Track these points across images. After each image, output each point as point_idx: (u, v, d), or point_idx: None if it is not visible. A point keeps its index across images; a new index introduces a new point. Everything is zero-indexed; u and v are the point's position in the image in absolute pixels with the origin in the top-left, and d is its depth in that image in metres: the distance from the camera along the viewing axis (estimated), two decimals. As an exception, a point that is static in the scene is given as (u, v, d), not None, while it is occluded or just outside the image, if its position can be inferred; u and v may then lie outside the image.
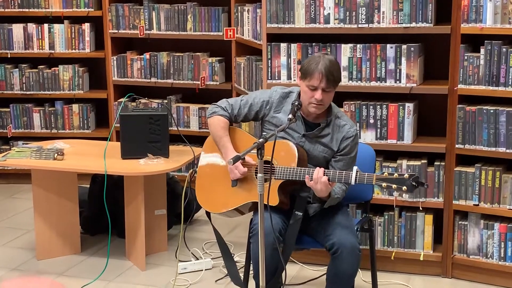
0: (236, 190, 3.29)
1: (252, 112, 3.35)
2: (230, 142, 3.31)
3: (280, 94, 3.32)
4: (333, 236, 3.14)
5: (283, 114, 3.28)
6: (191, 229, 4.65)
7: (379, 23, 3.83)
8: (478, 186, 3.75)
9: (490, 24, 3.61)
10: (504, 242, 3.74)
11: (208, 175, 3.41)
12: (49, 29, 5.47)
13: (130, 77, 5.41)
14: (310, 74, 3.11)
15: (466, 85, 3.72)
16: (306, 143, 3.26)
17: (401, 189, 2.94)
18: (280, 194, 3.17)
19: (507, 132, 3.64)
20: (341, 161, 3.24)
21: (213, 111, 3.39)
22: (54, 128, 5.56)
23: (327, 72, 3.09)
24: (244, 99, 3.38)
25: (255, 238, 3.14)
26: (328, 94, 3.14)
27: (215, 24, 5.13)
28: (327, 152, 3.25)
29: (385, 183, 2.96)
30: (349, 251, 3.08)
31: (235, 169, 3.23)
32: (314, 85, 3.11)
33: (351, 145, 3.24)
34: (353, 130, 3.26)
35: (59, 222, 4.25)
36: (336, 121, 3.25)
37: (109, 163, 3.90)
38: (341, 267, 3.10)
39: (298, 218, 3.19)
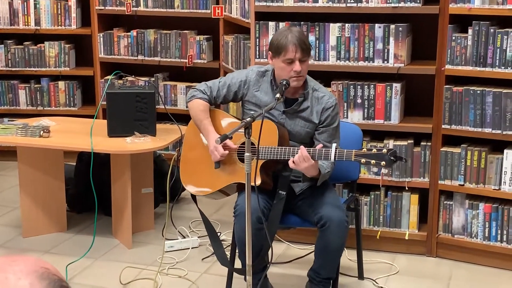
0: (219, 172, 3.30)
1: (231, 93, 3.35)
2: (211, 125, 3.31)
3: (257, 72, 3.33)
4: (321, 210, 3.17)
5: (261, 93, 3.29)
6: (177, 208, 4.66)
7: (368, 3, 3.82)
8: (464, 166, 3.77)
9: (478, 4, 3.61)
10: (488, 222, 3.77)
11: (192, 158, 3.41)
12: (34, 5, 5.41)
13: (117, 55, 5.37)
14: (284, 48, 3.13)
15: (454, 66, 3.73)
16: (287, 120, 3.26)
17: (380, 164, 2.95)
18: (263, 174, 3.17)
19: (493, 113, 3.65)
20: (325, 133, 3.25)
21: (192, 95, 3.40)
22: (40, 105, 5.52)
23: (299, 41, 3.12)
24: (222, 80, 3.39)
25: (238, 219, 3.16)
26: (305, 63, 3.16)
27: (203, 2, 5.09)
28: (309, 126, 3.26)
29: (363, 158, 2.97)
30: (337, 224, 3.11)
31: (215, 150, 3.23)
32: (291, 57, 3.13)
33: (332, 115, 3.24)
34: (332, 100, 3.26)
35: (45, 200, 4.23)
36: (314, 93, 3.26)
37: (95, 141, 3.88)
38: (329, 240, 3.13)
39: (281, 198, 3.20)
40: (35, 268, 1.00)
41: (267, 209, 3.23)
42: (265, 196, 3.23)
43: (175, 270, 3.82)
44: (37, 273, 1.00)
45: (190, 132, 3.45)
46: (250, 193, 2.84)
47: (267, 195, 3.24)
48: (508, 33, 3.57)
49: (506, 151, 3.67)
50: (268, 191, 3.25)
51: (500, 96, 3.63)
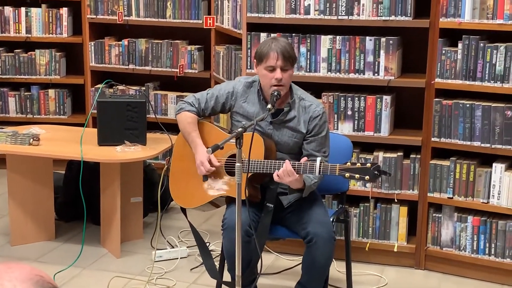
0: (207, 185, 3.30)
1: (219, 104, 3.35)
2: (199, 137, 3.31)
3: (244, 83, 3.33)
4: (308, 225, 3.16)
5: (249, 104, 3.30)
6: (167, 217, 4.65)
7: (359, 16, 3.85)
8: (453, 179, 3.79)
9: (468, 19, 3.64)
10: (477, 235, 3.79)
11: (181, 172, 3.41)
12: (26, 12, 5.40)
13: (107, 63, 5.37)
14: (266, 56, 3.15)
15: (443, 79, 3.76)
16: (274, 131, 3.26)
17: (364, 178, 2.96)
18: (249, 187, 3.16)
19: (482, 126, 3.68)
20: (313, 142, 3.24)
21: (180, 107, 3.40)
22: (30, 113, 5.50)
23: (282, 50, 3.14)
24: (210, 92, 3.39)
25: (226, 233, 3.16)
26: (287, 72, 3.16)
27: (195, 12, 5.11)
28: (297, 136, 3.25)
29: (347, 173, 2.98)
30: (324, 240, 3.11)
31: (200, 165, 3.23)
32: (272, 65, 3.14)
33: (320, 124, 3.24)
34: (320, 108, 3.26)
35: (34, 208, 4.21)
36: (301, 102, 3.26)
37: (85, 150, 3.87)
38: (316, 256, 3.12)
39: (269, 210, 3.20)
40: (30, 276, 1.01)
41: (256, 222, 3.22)
42: (254, 209, 3.23)
43: (164, 280, 3.81)
44: (32, 281, 1.00)
45: (179, 144, 3.45)
46: (240, 204, 2.83)
47: (255, 208, 3.24)
48: (497, 48, 3.60)
49: (495, 165, 3.70)
50: (256, 203, 3.24)
51: (489, 110, 3.65)
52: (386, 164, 3.90)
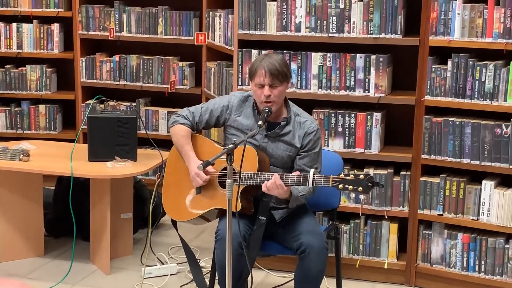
0: (200, 197, 3.30)
1: (213, 118, 3.37)
2: (192, 150, 3.32)
3: (239, 98, 3.37)
4: (301, 236, 3.18)
5: (243, 117, 3.32)
6: (157, 234, 4.63)
7: (349, 33, 3.87)
8: (443, 196, 3.81)
9: (458, 37, 3.67)
10: (467, 252, 3.80)
11: (174, 185, 3.41)
12: (17, 28, 5.40)
13: (99, 79, 5.37)
14: (255, 72, 3.20)
15: (433, 97, 3.78)
16: (269, 143, 3.29)
17: (357, 190, 2.98)
18: (243, 199, 3.18)
19: (472, 144, 3.70)
20: (306, 157, 3.27)
21: (174, 120, 3.42)
22: (20, 129, 5.49)
23: (270, 67, 3.16)
24: (204, 106, 3.42)
25: (219, 244, 3.15)
26: (276, 89, 3.19)
27: (186, 29, 5.13)
28: (291, 150, 3.28)
29: (341, 184, 3.00)
30: (317, 250, 3.12)
31: (197, 176, 3.24)
32: (261, 83, 3.18)
33: (314, 140, 3.28)
34: (314, 125, 3.30)
35: (23, 224, 4.19)
36: (296, 118, 3.30)
37: (75, 165, 3.86)
38: (309, 267, 3.13)
39: (262, 223, 3.21)
40: None
41: (248, 235, 3.23)
42: (246, 221, 3.24)
43: (153, 296, 3.79)
44: None
45: (172, 157, 3.45)
46: (231, 220, 2.83)
47: (248, 220, 3.25)
48: (486, 66, 3.63)
49: (484, 182, 3.71)
50: (249, 216, 3.25)
51: (478, 127, 3.67)
52: (376, 180, 3.90)
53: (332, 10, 3.87)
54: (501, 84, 3.61)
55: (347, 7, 3.84)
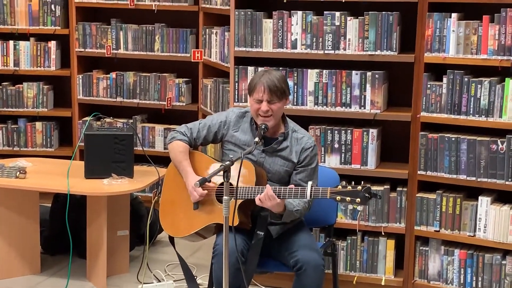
0: (197, 213, 3.30)
1: (211, 134, 3.39)
2: (190, 166, 3.33)
3: (237, 113, 3.40)
4: (297, 253, 3.18)
5: (241, 133, 3.34)
6: (153, 251, 4.62)
7: (345, 50, 3.89)
8: (439, 212, 3.81)
9: (453, 54, 3.69)
10: (464, 269, 3.79)
11: (171, 201, 3.41)
12: (14, 46, 5.42)
13: (95, 96, 5.38)
14: (254, 88, 3.24)
15: (429, 113, 3.79)
16: (266, 158, 3.30)
17: (355, 201, 2.99)
18: (240, 214, 3.18)
19: (467, 160, 3.71)
20: (302, 173, 3.29)
21: (172, 136, 3.44)
22: (17, 146, 5.49)
23: (269, 84, 3.20)
24: (202, 122, 3.45)
25: (217, 259, 3.15)
26: (274, 105, 3.22)
27: (183, 46, 5.15)
28: (288, 165, 3.30)
29: (339, 196, 3.01)
30: (313, 267, 3.12)
31: (193, 191, 3.25)
32: (259, 98, 3.21)
33: (310, 156, 3.30)
34: (311, 141, 3.33)
35: (19, 241, 4.18)
36: (293, 134, 3.33)
37: (72, 183, 3.86)
38: (306, 284, 3.13)
39: (259, 238, 3.21)
40: None
41: (246, 250, 3.23)
42: (244, 237, 3.24)
43: (150, 314, 3.77)
44: None
45: (170, 173, 3.46)
46: (228, 237, 2.83)
47: (246, 236, 3.25)
48: (481, 82, 3.65)
49: (481, 198, 3.72)
50: (247, 231, 3.25)
51: (474, 143, 3.69)
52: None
53: (328, 27, 3.90)
54: (496, 100, 3.63)
55: (343, 24, 3.87)
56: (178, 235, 3.39)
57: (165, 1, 5.11)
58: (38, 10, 5.35)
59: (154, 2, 5.12)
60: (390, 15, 3.80)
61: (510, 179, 3.62)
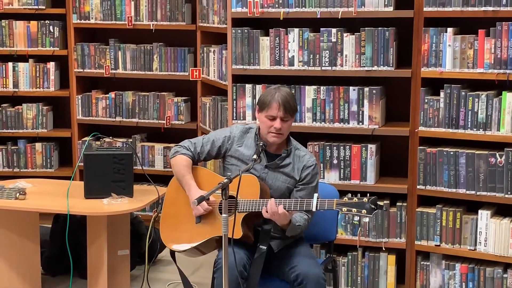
0: (200, 226, 3.30)
1: (215, 149, 3.40)
2: (193, 180, 3.34)
3: (241, 129, 3.41)
4: (297, 268, 3.18)
5: (245, 148, 3.35)
6: (154, 270, 4.61)
7: (342, 66, 3.91)
8: (440, 226, 3.81)
9: (450, 68, 3.71)
10: (465, 283, 3.78)
11: (173, 214, 3.41)
12: (13, 67, 5.44)
13: (94, 116, 5.39)
14: (268, 105, 3.22)
15: (427, 127, 3.80)
16: (268, 174, 3.31)
17: (361, 212, 2.99)
18: (244, 227, 3.19)
19: (467, 173, 3.71)
20: (303, 190, 3.30)
21: (175, 150, 3.44)
22: (17, 167, 5.49)
23: (284, 101, 3.21)
24: (206, 137, 3.45)
25: (219, 273, 3.14)
26: (286, 123, 3.24)
27: (181, 64, 5.17)
28: (290, 182, 3.30)
29: (345, 207, 3.02)
30: (314, 281, 3.12)
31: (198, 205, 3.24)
32: (273, 115, 3.22)
33: (311, 174, 3.31)
34: (313, 160, 3.35)
35: (20, 262, 4.17)
36: (296, 152, 3.34)
37: (72, 203, 3.86)
38: None
39: (262, 252, 3.21)
40: None
41: (248, 264, 3.22)
42: (247, 252, 3.24)
43: (151, 334, 3.75)
44: None
45: (172, 188, 3.46)
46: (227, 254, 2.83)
47: (248, 250, 3.25)
48: (479, 96, 3.66)
49: (481, 212, 3.72)
50: (249, 245, 3.25)
51: (473, 157, 3.69)
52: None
53: (324, 44, 3.92)
54: (493, 113, 3.64)
55: (339, 40, 3.89)
56: (179, 248, 3.38)
57: (163, 21, 5.14)
58: (36, 32, 5.38)
59: (152, 21, 5.16)
60: (386, 30, 3.83)
61: (509, 192, 3.62)
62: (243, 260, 3.16)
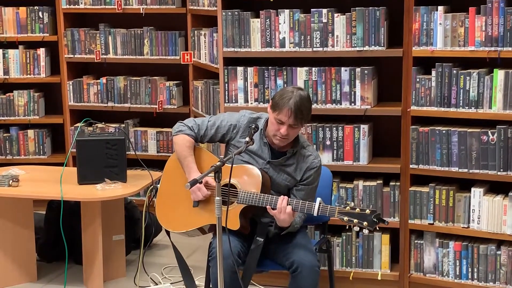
0: (197, 210, 3.29)
1: (219, 135, 3.36)
2: (194, 163, 3.31)
3: (248, 119, 3.33)
4: (292, 255, 3.18)
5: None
6: (150, 254, 4.62)
7: (333, 47, 3.90)
8: (433, 205, 3.82)
9: (441, 47, 3.71)
10: (459, 260, 3.81)
11: (170, 194, 3.39)
12: (3, 54, 5.41)
13: (86, 102, 5.38)
14: (280, 108, 3.12)
15: (419, 107, 3.81)
16: (270, 170, 3.28)
17: (362, 224, 3.00)
18: (242, 219, 3.18)
19: (459, 152, 3.72)
20: (303, 191, 3.28)
21: (179, 129, 3.38)
22: (9, 154, 5.48)
23: (296, 109, 3.10)
24: (211, 120, 3.38)
25: (214, 262, 3.14)
26: (294, 129, 3.17)
27: (172, 48, 5.15)
28: (290, 181, 3.29)
29: (346, 217, 3.02)
30: (309, 268, 3.12)
31: (197, 190, 3.23)
32: (282, 120, 3.13)
33: (314, 176, 3.29)
34: (317, 161, 3.30)
35: (15, 250, 4.17)
36: (301, 151, 3.29)
37: (65, 189, 3.86)
38: (301, 285, 3.13)
39: (259, 244, 3.20)
40: None
41: (243, 253, 3.23)
42: (241, 239, 3.24)
43: (148, 317, 3.77)
44: None
45: (170, 165, 3.43)
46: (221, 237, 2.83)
47: (243, 238, 3.25)
48: (470, 74, 3.66)
49: (473, 189, 3.73)
50: (244, 234, 3.25)
51: (465, 135, 3.70)
52: (366, 192, 3.92)
53: (315, 24, 3.90)
54: (485, 91, 3.64)
55: (330, 21, 3.88)
56: (175, 230, 3.37)
57: (153, 4, 5.11)
58: (26, 18, 5.34)
59: (141, 5, 5.13)
60: (377, 10, 3.81)
61: (502, 169, 3.63)
62: (237, 248, 3.16)
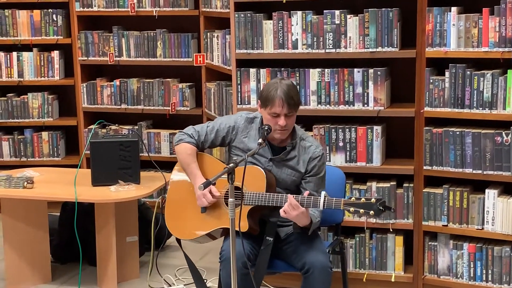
0: (205, 216, 3.31)
1: (219, 138, 3.38)
2: (198, 169, 3.33)
3: (245, 119, 3.36)
4: (304, 256, 3.18)
5: (249, 139, 3.33)
6: (163, 256, 4.63)
7: (346, 48, 3.90)
8: (447, 206, 3.80)
9: (454, 48, 3.69)
10: (473, 262, 3.79)
11: (177, 202, 3.41)
12: (18, 57, 5.45)
13: (100, 104, 5.40)
14: (271, 102, 3.15)
15: (432, 108, 3.79)
16: (273, 167, 3.29)
17: (368, 213, 3.00)
18: (250, 220, 3.18)
19: (473, 153, 3.70)
20: (311, 182, 3.28)
21: (179, 138, 3.42)
22: (24, 156, 5.51)
23: (286, 97, 3.13)
24: (210, 125, 3.42)
25: (224, 264, 3.15)
26: (290, 118, 3.19)
27: (185, 50, 5.16)
28: (295, 175, 3.28)
29: (352, 207, 3.01)
30: (320, 270, 3.12)
31: (203, 197, 3.24)
32: (276, 112, 3.15)
33: (318, 165, 3.28)
34: (319, 150, 3.30)
35: (29, 251, 4.20)
36: (301, 143, 3.30)
37: (79, 191, 3.88)
38: (313, 286, 3.13)
39: (268, 244, 3.20)
40: None
41: (253, 255, 3.23)
42: (251, 241, 3.24)
43: (161, 319, 3.78)
44: None
45: (176, 175, 3.45)
46: (235, 239, 2.84)
47: (253, 240, 3.25)
48: (484, 75, 3.65)
49: (487, 191, 3.71)
50: (254, 236, 3.25)
51: (479, 136, 3.68)
52: (379, 194, 3.91)
53: (328, 26, 3.90)
54: (499, 92, 3.62)
55: (343, 22, 3.87)
56: (185, 237, 3.39)
57: (166, 7, 5.13)
58: (40, 21, 5.38)
59: (154, 8, 5.15)
60: (390, 11, 3.80)
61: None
62: (247, 251, 3.16)
